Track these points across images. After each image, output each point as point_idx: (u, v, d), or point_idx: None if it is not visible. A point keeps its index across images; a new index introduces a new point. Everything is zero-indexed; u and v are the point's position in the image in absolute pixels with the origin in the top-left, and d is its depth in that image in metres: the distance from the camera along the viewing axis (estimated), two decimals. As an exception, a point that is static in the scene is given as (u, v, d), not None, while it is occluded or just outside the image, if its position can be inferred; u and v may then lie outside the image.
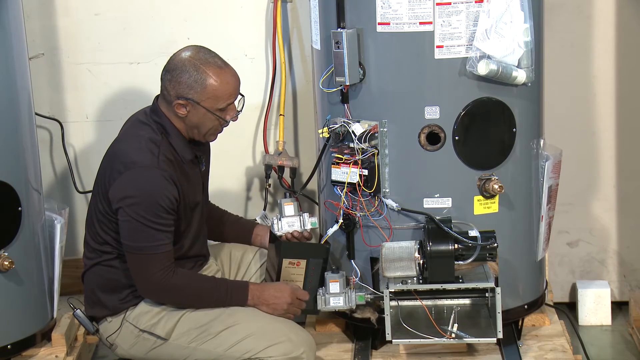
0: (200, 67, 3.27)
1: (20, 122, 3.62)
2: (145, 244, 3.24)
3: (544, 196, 3.66)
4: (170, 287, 3.28)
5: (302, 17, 4.24)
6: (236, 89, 3.33)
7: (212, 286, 3.34)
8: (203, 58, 3.29)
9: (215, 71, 3.28)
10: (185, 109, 3.30)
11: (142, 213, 3.22)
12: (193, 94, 3.28)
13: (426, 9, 3.38)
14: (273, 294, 3.36)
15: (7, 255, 3.55)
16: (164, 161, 3.27)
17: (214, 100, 3.29)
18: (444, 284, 3.41)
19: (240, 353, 3.28)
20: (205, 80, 3.27)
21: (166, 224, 3.25)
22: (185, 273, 3.33)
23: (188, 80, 3.27)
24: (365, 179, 3.50)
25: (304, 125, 4.36)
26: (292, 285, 3.43)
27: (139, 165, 3.25)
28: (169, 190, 3.24)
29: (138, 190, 3.23)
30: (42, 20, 4.28)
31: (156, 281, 3.27)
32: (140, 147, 3.28)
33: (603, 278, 4.40)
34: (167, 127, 3.33)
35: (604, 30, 4.22)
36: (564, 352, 3.65)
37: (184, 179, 3.33)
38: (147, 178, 3.24)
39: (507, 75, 3.43)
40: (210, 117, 3.30)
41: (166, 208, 3.24)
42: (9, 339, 3.61)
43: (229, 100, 3.31)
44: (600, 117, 4.29)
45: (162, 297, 3.34)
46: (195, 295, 3.33)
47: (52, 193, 4.37)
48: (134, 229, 3.24)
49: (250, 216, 4.24)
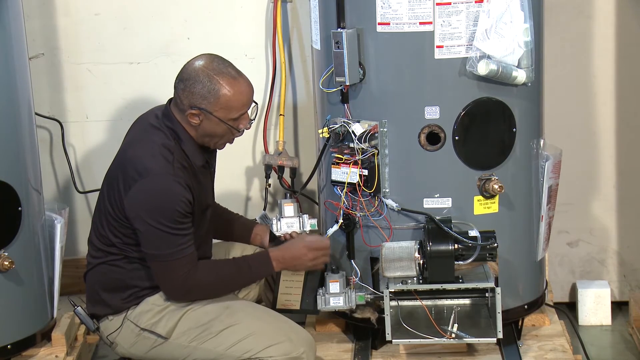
0: (213, 77, 3.25)
1: (20, 122, 3.62)
2: (169, 251, 3.24)
3: (544, 196, 3.66)
4: (195, 285, 3.29)
5: (302, 17, 4.24)
6: (249, 98, 3.31)
7: (234, 270, 3.34)
8: (217, 68, 3.27)
9: (228, 81, 3.26)
10: (198, 119, 3.28)
11: (162, 220, 3.21)
12: (206, 104, 3.26)
13: (426, 9, 3.38)
14: (292, 256, 3.38)
15: (7, 255, 3.55)
16: (179, 168, 3.26)
17: (227, 111, 3.28)
18: (444, 284, 3.41)
19: (241, 352, 3.28)
20: (218, 91, 3.25)
21: (186, 228, 3.26)
22: (206, 265, 3.32)
23: (201, 90, 3.25)
24: (365, 179, 3.50)
25: (304, 125, 4.36)
26: (305, 240, 3.43)
27: (154, 173, 3.23)
28: (184, 195, 3.24)
29: (154, 198, 3.23)
30: (42, 20, 4.28)
31: (181, 284, 3.27)
32: (154, 154, 3.26)
33: (603, 278, 4.40)
34: (179, 134, 3.32)
35: (604, 30, 4.22)
36: (564, 352, 3.65)
37: (196, 183, 3.33)
38: (163, 185, 3.23)
39: (507, 75, 3.43)
40: (223, 126, 3.29)
41: (184, 213, 3.24)
42: (9, 339, 3.61)
43: (242, 110, 3.30)
44: (600, 117, 4.29)
45: (190, 297, 3.34)
46: (221, 284, 3.34)
47: (52, 193, 4.37)
48: (156, 237, 3.23)
49: (250, 216, 4.23)
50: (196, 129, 3.32)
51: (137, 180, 3.23)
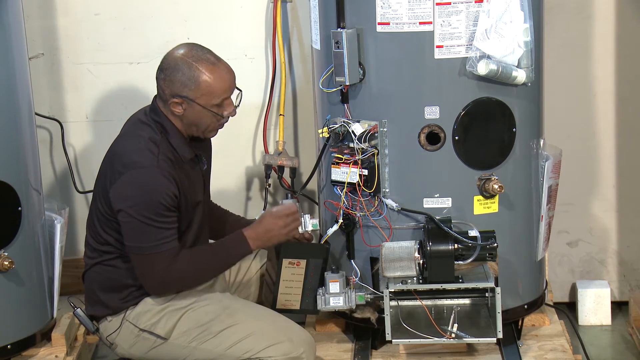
0: (192, 64, 3.27)
1: (20, 122, 3.62)
2: (149, 244, 3.24)
3: (543, 196, 3.66)
4: (175, 278, 3.29)
5: (302, 17, 4.24)
6: (231, 84, 3.33)
7: (212, 256, 3.34)
8: (195, 55, 3.29)
9: (208, 67, 3.28)
10: (181, 107, 3.30)
11: (144, 212, 3.22)
12: (187, 91, 3.28)
13: (426, 9, 3.38)
14: (264, 230, 3.38)
15: (7, 255, 3.55)
16: (164, 160, 3.27)
17: (208, 97, 3.29)
18: (444, 284, 3.41)
19: (240, 353, 3.28)
20: (198, 77, 3.27)
21: (169, 222, 3.26)
22: (184, 256, 3.30)
23: (182, 78, 3.27)
24: (365, 179, 3.50)
25: (304, 125, 4.36)
26: (272, 211, 3.41)
27: (139, 166, 3.25)
28: (169, 188, 3.24)
29: (138, 190, 3.24)
30: (42, 20, 4.28)
31: (161, 277, 3.27)
32: (140, 147, 3.28)
33: (603, 278, 4.40)
34: (166, 127, 3.33)
35: (604, 30, 4.22)
36: (563, 352, 3.65)
37: (185, 177, 3.33)
38: (147, 178, 3.24)
39: (507, 75, 3.43)
40: (206, 113, 3.30)
41: (167, 206, 3.24)
42: (9, 339, 3.61)
43: (224, 95, 3.31)
44: (600, 117, 4.29)
45: (171, 290, 3.34)
46: (201, 273, 3.34)
47: (52, 193, 4.37)
48: (137, 230, 3.24)
49: (250, 216, 4.23)
50: (181, 120, 3.33)
51: (122, 173, 3.25)
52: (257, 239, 3.37)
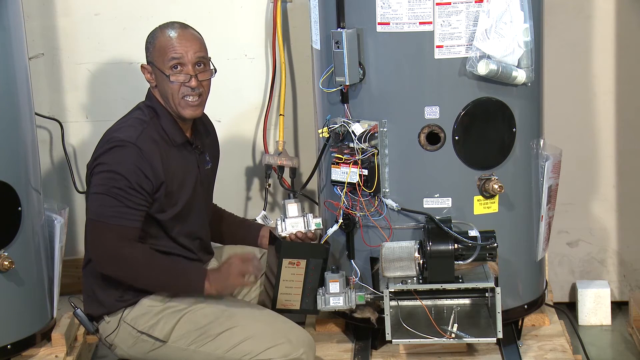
0: (156, 29, 3.38)
1: (20, 122, 3.62)
2: (105, 213, 3.24)
3: (544, 196, 3.66)
4: (122, 257, 3.25)
5: (302, 17, 4.24)
6: (185, 45, 3.34)
7: (167, 268, 3.30)
8: (165, 24, 3.39)
9: (164, 26, 3.38)
10: (150, 75, 3.38)
11: (107, 182, 3.25)
12: (149, 55, 3.38)
13: (426, 9, 3.38)
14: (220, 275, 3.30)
15: (7, 255, 3.55)
16: (145, 139, 3.30)
17: (160, 56, 3.34)
18: (444, 284, 3.41)
19: (240, 355, 3.27)
20: (154, 36, 3.38)
21: (131, 200, 3.25)
22: (143, 247, 3.29)
23: (147, 43, 3.38)
24: (365, 179, 3.50)
25: (304, 125, 4.36)
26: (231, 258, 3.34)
27: (117, 139, 3.29)
28: (142, 166, 3.26)
29: (110, 159, 3.27)
30: (42, 20, 4.28)
31: (109, 252, 3.25)
32: (124, 127, 3.35)
33: (603, 278, 4.40)
34: (157, 110, 3.39)
35: (604, 30, 4.22)
36: (563, 352, 3.65)
37: (172, 160, 3.33)
38: (121, 151, 3.27)
39: (507, 75, 3.43)
40: (162, 77, 3.35)
41: (133, 184, 3.24)
42: (9, 339, 3.61)
43: (173, 54, 3.33)
44: (600, 117, 4.29)
45: (114, 269, 3.28)
46: (147, 271, 3.28)
47: (52, 193, 4.37)
48: (95, 196, 3.27)
49: (250, 216, 4.24)
50: (160, 96, 3.37)
51: (102, 146, 3.32)
52: (213, 282, 3.28)
